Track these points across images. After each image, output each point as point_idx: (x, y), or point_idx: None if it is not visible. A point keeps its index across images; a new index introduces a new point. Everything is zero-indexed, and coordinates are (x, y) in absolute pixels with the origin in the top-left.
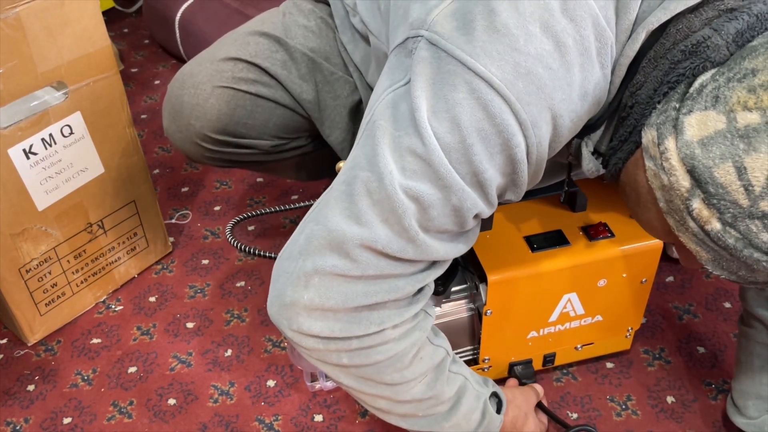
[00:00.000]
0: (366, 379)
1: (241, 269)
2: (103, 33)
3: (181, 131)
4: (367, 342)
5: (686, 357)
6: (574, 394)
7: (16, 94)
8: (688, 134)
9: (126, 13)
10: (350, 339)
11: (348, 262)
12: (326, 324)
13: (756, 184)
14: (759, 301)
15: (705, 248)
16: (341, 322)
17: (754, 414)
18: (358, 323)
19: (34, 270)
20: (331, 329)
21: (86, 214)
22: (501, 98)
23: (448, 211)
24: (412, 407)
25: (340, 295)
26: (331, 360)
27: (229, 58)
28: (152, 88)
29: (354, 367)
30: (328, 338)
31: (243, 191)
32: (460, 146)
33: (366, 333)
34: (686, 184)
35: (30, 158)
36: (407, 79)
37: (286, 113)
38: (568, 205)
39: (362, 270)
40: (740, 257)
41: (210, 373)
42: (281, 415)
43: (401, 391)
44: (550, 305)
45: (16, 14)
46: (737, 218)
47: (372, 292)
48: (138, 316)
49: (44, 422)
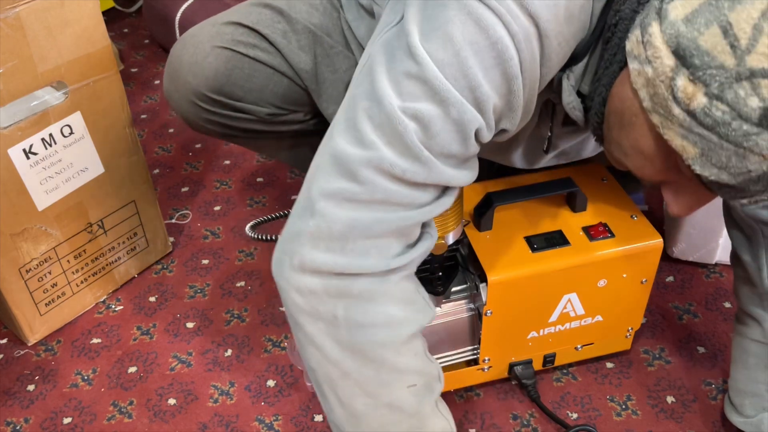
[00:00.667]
0: (355, 352)
1: (241, 269)
2: (103, 33)
3: (178, 90)
4: (368, 286)
5: (686, 357)
6: (574, 394)
7: (16, 94)
8: (672, 15)
9: (126, 13)
10: (353, 278)
11: (355, 185)
12: (330, 256)
13: (742, 37)
14: (752, 299)
15: (692, 138)
16: (347, 255)
17: (751, 412)
18: (364, 257)
19: (34, 270)
20: (335, 262)
21: (86, 214)
22: (491, 12)
23: (449, 126)
24: (391, 419)
25: (347, 220)
26: (326, 312)
27: (231, 22)
28: (152, 88)
29: (347, 327)
30: (330, 274)
31: (243, 191)
32: (454, 60)
33: (370, 271)
34: (671, 64)
35: (30, 158)
36: (400, 17)
37: (283, 81)
38: (568, 204)
39: (370, 193)
40: (729, 137)
41: (210, 373)
42: (281, 415)
43: (387, 384)
44: (550, 305)
45: (16, 14)
46: (724, 86)
47: (380, 219)
48: (138, 316)
49: (44, 422)
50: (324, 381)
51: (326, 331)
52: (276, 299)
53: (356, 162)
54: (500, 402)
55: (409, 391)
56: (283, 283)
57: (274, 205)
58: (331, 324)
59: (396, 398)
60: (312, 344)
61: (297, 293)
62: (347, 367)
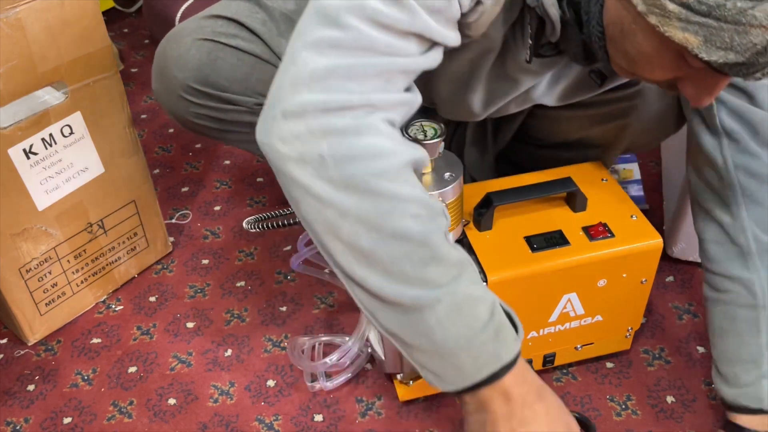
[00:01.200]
0: (349, 187)
1: (241, 269)
2: (103, 33)
3: (166, 87)
4: (352, 120)
5: (686, 357)
6: (574, 394)
7: (16, 94)
8: None
9: (126, 13)
10: (335, 113)
11: (338, 31)
12: (310, 96)
13: None
14: (734, 262)
15: (692, 29)
16: (328, 93)
17: (746, 380)
18: (346, 93)
19: (34, 270)
20: (316, 99)
21: (86, 214)
22: None
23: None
24: (401, 251)
25: (328, 64)
26: (311, 154)
27: (211, 15)
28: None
29: (335, 164)
30: (312, 113)
31: (243, 191)
32: None
33: (351, 104)
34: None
35: (30, 158)
36: None
37: (267, 69)
38: (568, 204)
39: (354, 39)
40: (726, 17)
41: (210, 372)
42: (281, 415)
43: (388, 212)
44: (550, 305)
45: (16, 14)
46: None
47: (363, 63)
48: (138, 316)
49: (44, 422)
50: (324, 230)
51: (316, 173)
52: (276, 299)
53: (339, 9)
54: None
55: (413, 220)
56: (267, 139)
57: (274, 205)
58: (320, 164)
59: (400, 227)
60: (305, 192)
61: (281, 142)
62: (344, 205)
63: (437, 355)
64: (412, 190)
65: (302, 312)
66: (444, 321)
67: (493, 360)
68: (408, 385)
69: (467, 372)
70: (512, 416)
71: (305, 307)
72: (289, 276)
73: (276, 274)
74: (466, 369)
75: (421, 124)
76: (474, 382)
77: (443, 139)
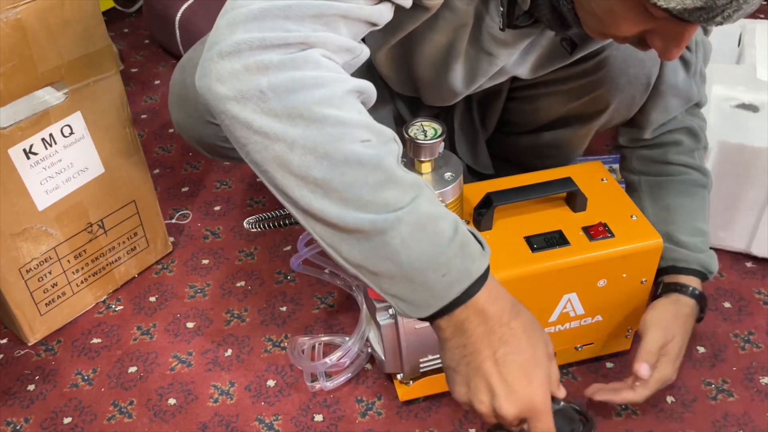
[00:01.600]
0: (293, 118)
1: (241, 269)
2: (103, 33)
3: (190, 115)
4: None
5: (686, 357)
6: (573, 394)
7: (16, 94)
8: None
9: (126, 13)
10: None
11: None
12: (247, 35)
13: None
14: (678, 149)
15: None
16: (264, 32)
17: (703, 248)
18: (283, 31)
19: (35, 270)
20: (252, 37)
21: (86, 214)
22: None
23: None
24: (355, 176)
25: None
26: (250, 90)
27: None
28: (152, 88)
29: (276, 96)
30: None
31: (243, 191)
32: None
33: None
34: None
35: (30, 158)
36: None
37: None
38: (568, 204)
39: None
40: None
41: (210, 372)
42: (281, 415)
43: (337, 138)
44: (550, 305)
45: (16, 14)
46: None
47: (303, 4)
48: (138, 316)
49: (44, 422)
50: (275, 168)
51: (258, 108)
52: (276, 299)
53: None
54: None
55: (363, 145)
56: (204, 82)
57: (274, 205)
58: (260, 99)
59: (351, 152)
60: (249, 130)
61: (218, 82)
62: (291, 136)
63: (406, 278)
64: (358, 116)
65: (302, 312)
66: (408, 240)
67: (463, 276)
68: (408, 385)
69: (438, 292)
70: (491, 335)
71: (305, 307)
72: (289, 276)
73: (276, 274)
74: (436, 289)
75: (421, 124)
76: (447, 301)
77: (443, 139)
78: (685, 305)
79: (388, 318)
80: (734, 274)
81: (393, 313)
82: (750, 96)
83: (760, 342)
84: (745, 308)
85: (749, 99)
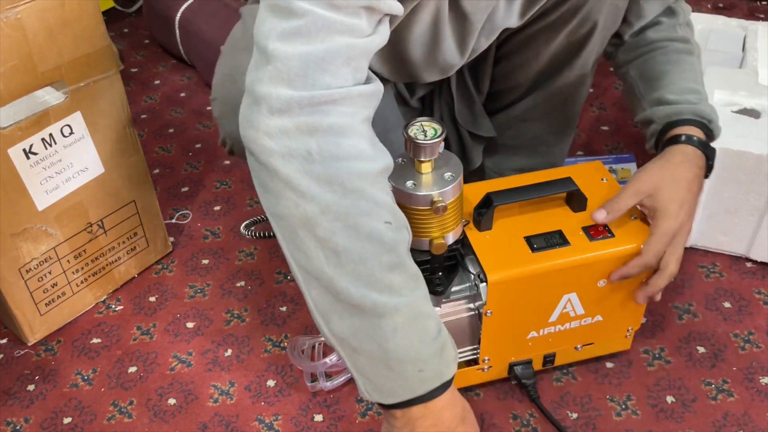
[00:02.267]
0: (333, 184)
1: (241, 269)
2: (103, 33)
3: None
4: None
5: (686, 357)
6: (574, 394)
7: (16, 94)
8: None
9: (126, 13)
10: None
11: (296, 20)
12: (295, 92)
13: None
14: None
15: None
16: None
17: (695, 99)
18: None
19: (34, 270)
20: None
21: (86, 214)
22: None
23: None
24: (373, 252)
25: (300, 55)
26: (299, 149)
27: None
28: (152, 88)
29: (321, 161)
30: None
31: (243, 191)
32: None
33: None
34: None
35: (30, 158)
36: None
37: None
38: (568, 204)
39: (311, 23)
40: None
41: (210, 372)
42: (281, 415)
43: (367, 213)
44: (550, 305)
45: (16, 14)
46: None
47: (329, 49)
48: (138, 316)
49: (44, 422)
50: (300, 225)
51: (302, 168)
52: (276, 299)
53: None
54: (500, 402)
55: (386, 227)
56: (252, 134)
57: None
58: (306, 160)
59: (375, 229)
60: (287, 187)
61: (268, 137)
62: (326, 201)
63: (385, 364)
64: (386, 198)
65: (302, 312)
66: (400, 330)
67: (436, 375)
68: None
69: (410, 385)
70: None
71: (305, 307)
72: (289, 276)
73: (276, 274)
74: (410, 382)
75: (422, 124)
76: (415, 395)
77: (443, 139)
78: (677, 154)
79: None
80: (734, 274)
81: None
82: (751, 101)
83: (760, 342)
84: (745, 308)
85: (751, 104)
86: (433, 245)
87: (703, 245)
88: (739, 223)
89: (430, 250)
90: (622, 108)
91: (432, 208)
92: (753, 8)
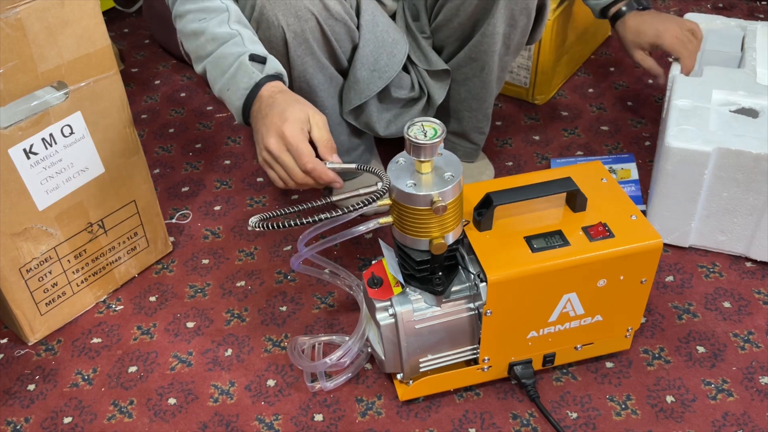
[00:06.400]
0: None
1: (241, 269)
2: (103, 33)
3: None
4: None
5: (686, 357)
6: (573, 394)
7: (17, 94)
8: None
9: (126, 13)
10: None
11: None
12: None
13: None
14: None
15: None
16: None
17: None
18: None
19: (35, 270)
20: None
21: (86, 214)
22: None
23: None
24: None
25: None
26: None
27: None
28: (152, 88)
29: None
30: None
31: (243, 191)
32: None
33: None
34: None
35: (30, 158)
36: None
37: None
38: (568, 204)
39: None
40: None
41: (210, 372)
42: (281, 414)
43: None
44: (550, 305)
45: (16, 14)
46: None
47: None
48: (138, 316)
49: (44, 422)
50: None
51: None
52: (276, 299)
53: None
54: (500, 402)
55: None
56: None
57: (274, 205)
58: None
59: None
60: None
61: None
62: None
63: (227, 101)
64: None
65: (302, 312)
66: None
67: (240, 91)
68: (408, 385)
69: (233, 105)
70: (265, 110)
71: (305, 307)
72: (289, 276)
73: (276, 274)
74: (232, 104)
75: (422, 125)
76: (240, 108)
77: (443, 139)
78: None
79: (388, 318)
80: (734, 274)
81: (393, 312)
82: (749, 100)
83: (760, 342)
84: (744, 308)
85: (749, 103)
86: (433, 245)
87: (702, 245)
88: (738, 223)
89: (430, 250)
90: (622, 108)
91: (432, 208)
92: (752, 8)
